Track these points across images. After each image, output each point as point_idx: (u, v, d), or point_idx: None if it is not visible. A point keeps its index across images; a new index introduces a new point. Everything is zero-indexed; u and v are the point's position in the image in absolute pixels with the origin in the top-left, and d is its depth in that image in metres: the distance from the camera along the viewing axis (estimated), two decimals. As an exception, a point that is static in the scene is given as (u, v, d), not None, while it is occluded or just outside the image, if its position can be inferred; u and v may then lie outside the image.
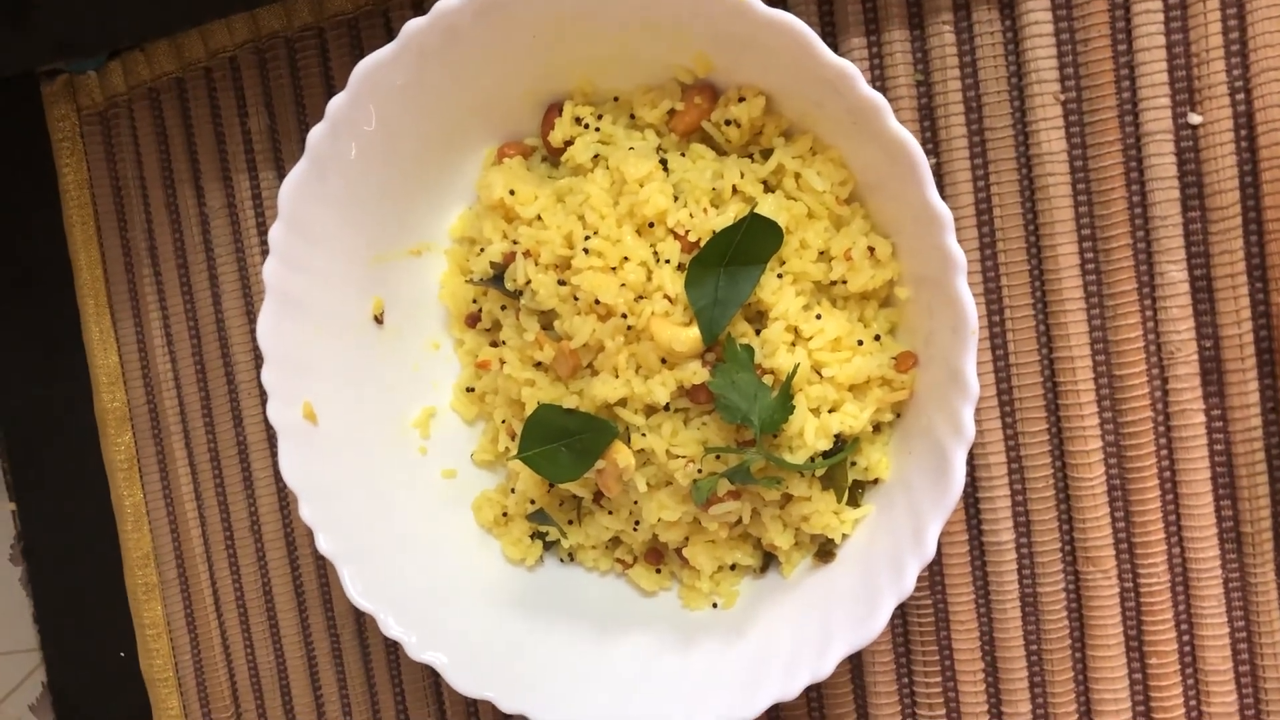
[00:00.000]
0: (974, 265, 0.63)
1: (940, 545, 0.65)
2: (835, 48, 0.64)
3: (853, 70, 0.52)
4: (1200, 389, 0.62)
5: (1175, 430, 0.62)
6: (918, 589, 0.66)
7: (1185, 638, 0.63)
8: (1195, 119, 0.60)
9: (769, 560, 0.64)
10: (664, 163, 0.60)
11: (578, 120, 0.63)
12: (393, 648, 0.74)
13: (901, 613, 0.66)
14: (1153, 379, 0.62)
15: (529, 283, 0.60)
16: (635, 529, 0.63)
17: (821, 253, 0.59)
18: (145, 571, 0.78)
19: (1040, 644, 0.65)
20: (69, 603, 0.82)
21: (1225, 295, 0.61)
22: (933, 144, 0.63)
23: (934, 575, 0.66)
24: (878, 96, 0.52)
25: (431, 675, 0.73)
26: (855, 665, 0.67)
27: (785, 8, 0.64)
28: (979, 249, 0.63)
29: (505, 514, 0.66)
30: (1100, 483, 0.63)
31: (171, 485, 0.78)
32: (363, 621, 0.75)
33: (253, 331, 0.74)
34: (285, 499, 0.75)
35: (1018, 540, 0.64)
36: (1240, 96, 0.60)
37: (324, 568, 0.75)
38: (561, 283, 0.59)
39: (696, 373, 0.57)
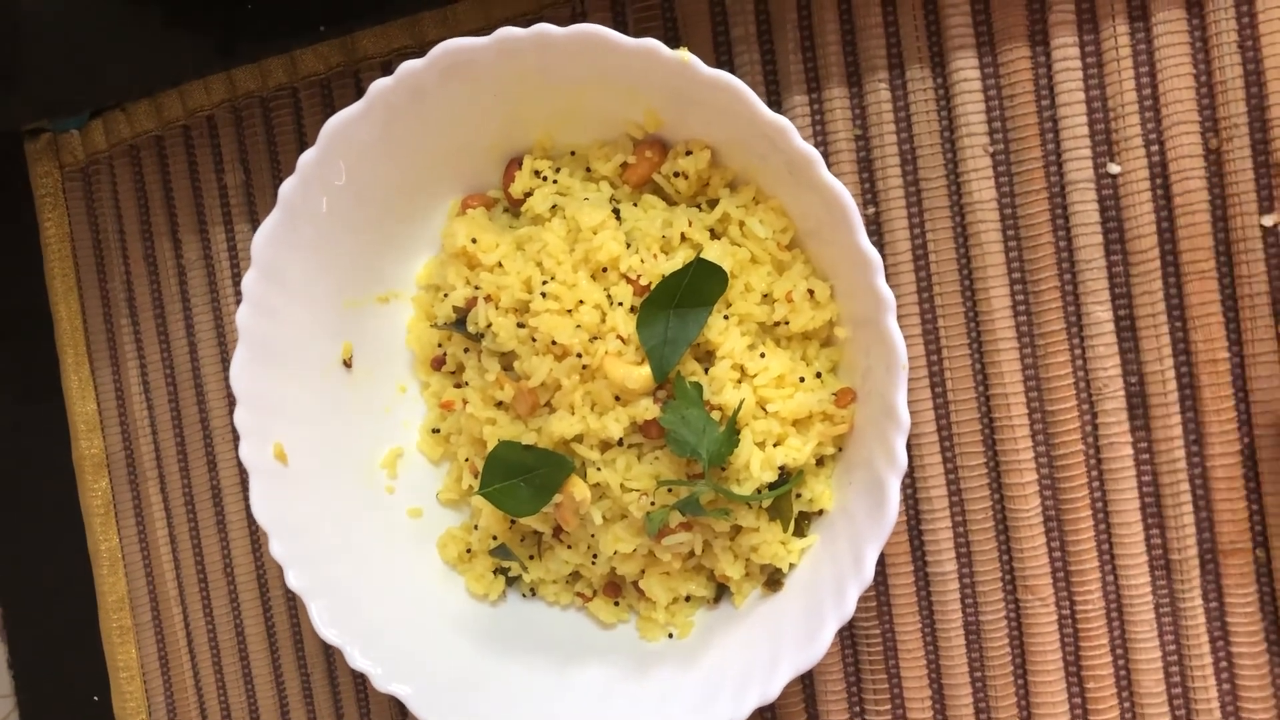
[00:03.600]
0: (911, 308, 0.67)
1: (887, 575, 0.68)
2: (779, 104, 0.68)
3: (788, 125, 0.56)
4: (1128, 422, 0.65)
5: (1105, 462, 0.65)
6: (867, 618, 0.68)
7: (1120, 661, 0.66)
8: (1114, 169, 0.64)
9: (722, 591, 0.66)
10: (617, 212, 0.64)
11: (537, 173, 0.66)
12: (360, 683, 0.76)
13: (852, 642, 0.69)
14: (1083, 413, 0.65)
15: (490, 326, 0.63)
16: (593, 562, 0.65)
17: (765, 295, 0.62)
18: (120, 615, 0.80)
19: (984, 670, 0.67)
20: (44, 648, 0.83)
21: (1148, 333, 0.64)
22: (871, 194, 0.67)
23: (881, 605, 0.68)
24: (811, 150, 0.56)
25: (398, 709, 0.75)
26: (808, 694, 0.70)
27: (732, 68, 0.68)
28: (916, 293, 0.67)
29: (469, 550, 0.68)
30: (1036, 513, 0.66)
31: (147, 529, 0.79)
32: (332, 660, 0.76)
33: (227, 379, 0.76)
34: (257, 542, 0.77)
35: (960, 570, 0.67)
36: (1154, 148, 0.64)
37: (295, 608, 0.77)
38: (520, 325, 0.62)
39: (648, 409, 0.60)
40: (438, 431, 0.69)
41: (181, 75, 0.75)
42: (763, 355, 0.61)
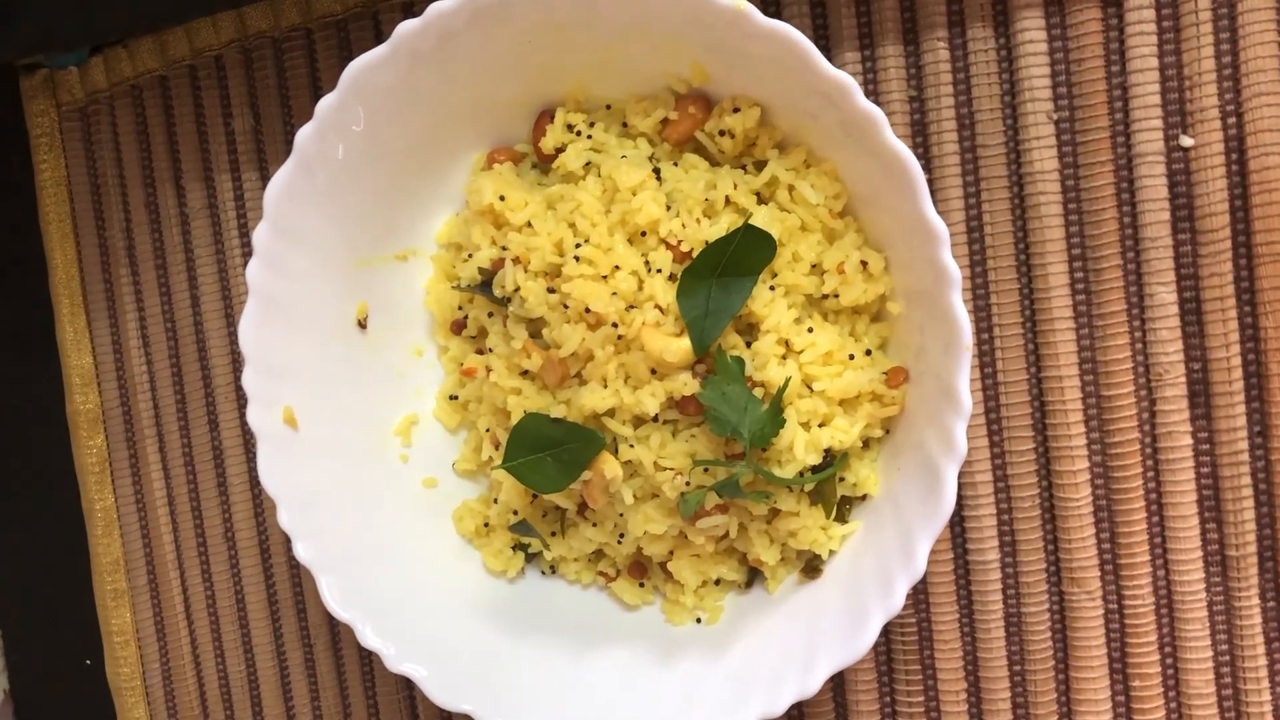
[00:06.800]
0: (964, 282, 0.63)
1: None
2: (829, 61, 0.64)
3: (851, 83, 0.52)
4: (1188, 411, 0.62)
5: (1162, 452, 0.62)
6: (903, 607, 0.65)
7: (1169, 660, 0.63)
8: (1187, 141, 0.60)
9: (754, 576, 0.63)
10: (657, 172, 0.60)
11: (570, 127, 0.62)
12: (367, 658, 0.73)
13: (885, 631, 0.66)
14: (1140, 400, 0.62)
15: (518, 290, 0.60)
16: (619, 542, 0.62)
17: (814, 266, 0.59)
18: (115, 577, 0.77)
19: (1024, 664, 0.64)
20: (34, 609, 0.80)
21: (1214, 318, 0.61)
22: (925, 160, 0.63)
23: (918, 594, 0.65)
24: (875, 110, 0.52)
25: (406, 687, 0.72)
26: (838, 683, 0.67)
27: (780, 20, 0.64)
28: (969, 266, 0.63)
29: (487, 524, 0.65)
30: (1086, 503, 0.62)
31: (144, 490, 0.76)
32: (337, 631, 0.73)
33: (231, 334, 0.73)
34: (260, 505, 0.74)
35: (1003, 560, 0.64)
36: (1231, 120, 0.60)
37: (298, 576, 0.74)
38: (551, 290, 0.59)
39: (686, 384, 0.57)
40: (456, 398, 0.66)
41: (188, 11, 0.71)
42: (810, 330, 0.57)
